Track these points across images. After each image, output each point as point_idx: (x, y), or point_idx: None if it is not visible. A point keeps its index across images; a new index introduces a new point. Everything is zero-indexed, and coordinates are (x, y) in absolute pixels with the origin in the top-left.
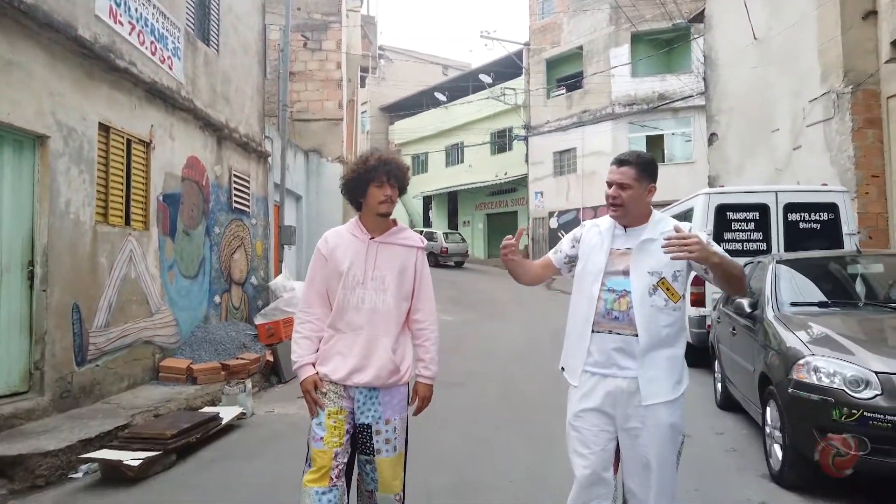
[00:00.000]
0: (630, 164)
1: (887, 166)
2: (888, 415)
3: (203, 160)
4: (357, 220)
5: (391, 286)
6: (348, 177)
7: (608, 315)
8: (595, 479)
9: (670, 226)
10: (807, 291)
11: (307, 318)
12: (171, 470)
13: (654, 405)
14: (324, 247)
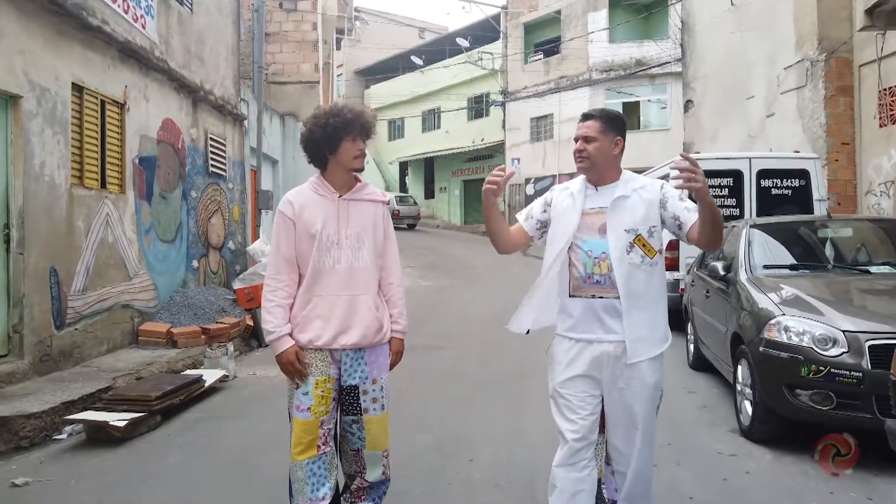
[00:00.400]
0: (595, 118)
1: (857, 134)
2: (853, 371)
3: (178, 123)
4: (319, 178)
5: (366, 243)
6: (315, 131)
7: (589, 279)
8: (584, 444)
9: (641, 183)
10: (779, 255)
11: (277, 284)
12: (157, 431)
13: (638, 363)
14: (288, 210)
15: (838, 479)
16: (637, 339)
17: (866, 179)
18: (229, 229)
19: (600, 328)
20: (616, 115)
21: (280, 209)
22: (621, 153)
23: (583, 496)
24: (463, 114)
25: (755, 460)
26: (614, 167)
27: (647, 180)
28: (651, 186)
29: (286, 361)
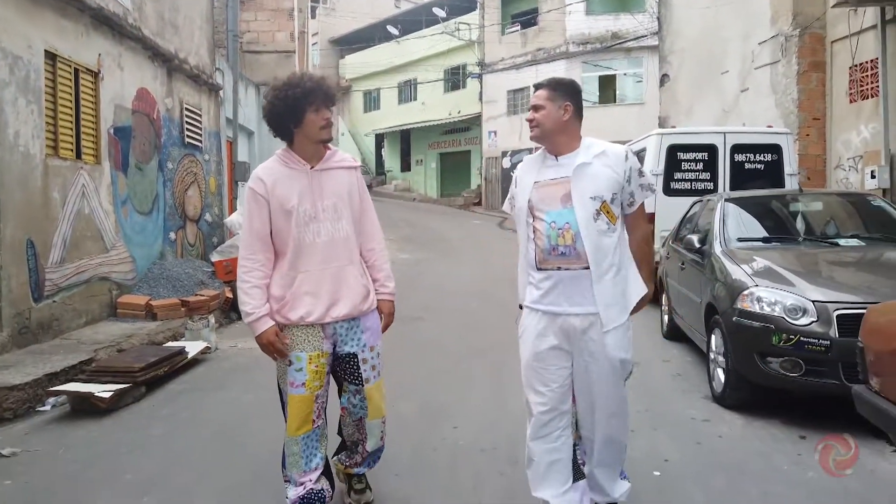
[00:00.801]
0: (543, 87)
1: (828, 109)
2: (822, 339)
3: (153, 92)
4: (287, 151)
5: (344, 212)
6: (277, 104)
7: (554, 251)
8: (554, 415)
9: (602, 148)
10: (752, 228)
11: (253, 265)
12: (141, 402)
13: (605, 336)
14: (260, 187)
15: (805, 441)
16: (609, 305)
17: (836, 154)
18: (206, 201)
19: (566, 301)
20: (565, 81)
21: (251, 187)
22: (575, 119)
23: (559, 465)
24: (439, 85)
25: (727, 425)
26: (568, 134)
27: (606, 145)
28: (612, 153)
29: (266, 342)
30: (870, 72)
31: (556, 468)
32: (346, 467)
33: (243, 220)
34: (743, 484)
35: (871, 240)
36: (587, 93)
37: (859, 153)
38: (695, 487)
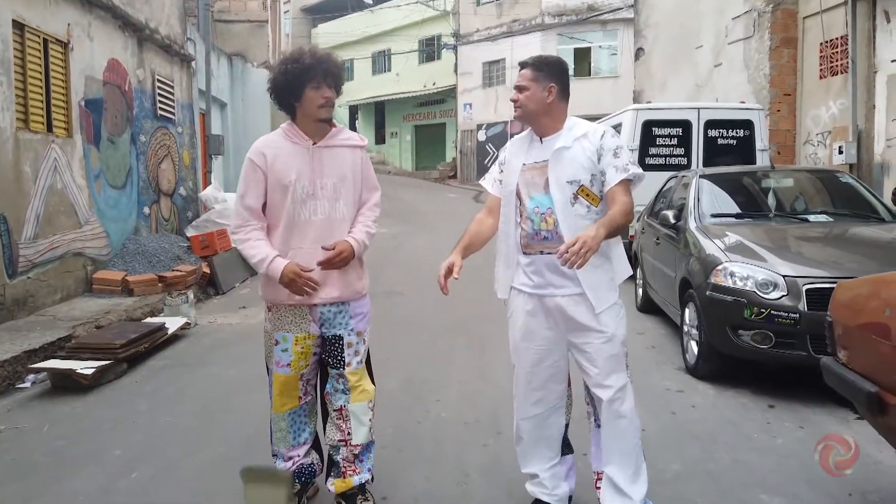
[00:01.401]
0: (528, 66)
1: (799, 85)
2: (791, 312)
3: (124, 63)
4: (290, 125)
5: (343, 192)
6: (277, 78)
7: (537, 236)
8: (543, 394)
9: (583, 130)
10: (726, 204)
11: (251, 227)
12: (123, 378)
13: (601, 315)
14: (259, 159)
15: (773, 410)
16: (596, 287)
17: (805, 130)
18: (180, 175)
19: (551, 284)
20: (551, 60)
21: (251, 158)
22: (561, 99)
23: (548, 442)
24: (414, 56)
25: (700, 395)
26: (553, 115)
27: (590, 126)
28: (593, 134)
29: (290, 278)
30: (840, 48)
31: (544, 444)
32: (345, 479)
33: (238, 188)
34: (715, 452)
35: (838, 215)
36: None
37: (828, 129)
38: (670, 456)
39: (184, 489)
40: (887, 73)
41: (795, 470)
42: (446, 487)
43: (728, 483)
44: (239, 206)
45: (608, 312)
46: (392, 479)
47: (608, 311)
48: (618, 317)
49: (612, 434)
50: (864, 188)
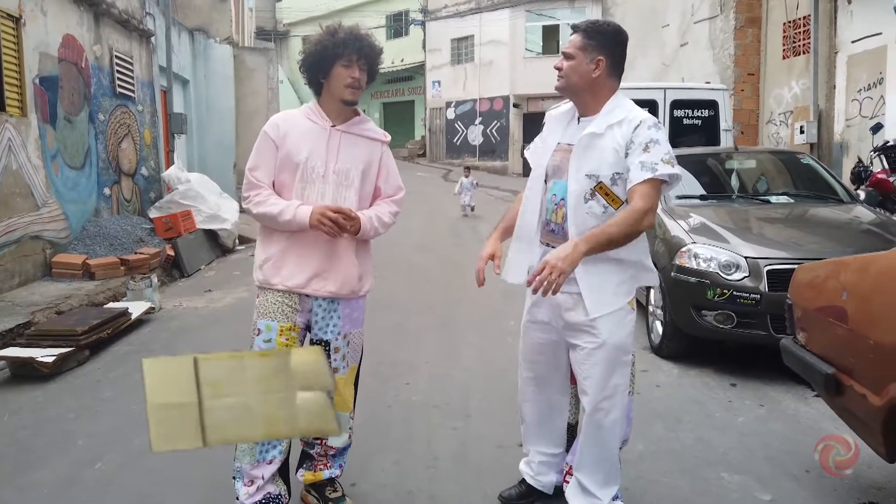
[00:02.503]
0: (578, 31)
1: (762, 65)
2: (752, 293)
3: (80, 39)
4: (315, 104)
5: (355, 182)
6: (310, 50)
7: (546, 227)
8: (541, 385)
9: (621, 116)
10: (690, 185)
11: (265, 190)
12: (86, 365)
13: (597, 320)
14: (273, 131)
15: (735, 388)
16: (595, 290)
17: (768, 109)
18: (141, 154)
19: None
20: (607, 28)
21: (265, 130)
22: (610, 76)
23: (550, 428)
24: (382, 32)
25: (664, 374)
26: (597, 93)
27: (629, 112)
28: (629, 122)
29: (318, 218)
30: (802, 28)
31: (545, 433)
32: (315, 472)
33: (249, 160)
34: (679, 431)
35: (799, 197)
36: (530, 42)
37: (790, 108)
38: (634, 436)
39: (151, 478)
40: (848, 54)
41: (756, 447)
42: (416, 473)
43: (691, 461)
44: (252, 177)
45: (606, 317)
46: (362, 466)
47: (607, 316)
48: (618, 323)
49: (590, 442)
50: (824, 169)
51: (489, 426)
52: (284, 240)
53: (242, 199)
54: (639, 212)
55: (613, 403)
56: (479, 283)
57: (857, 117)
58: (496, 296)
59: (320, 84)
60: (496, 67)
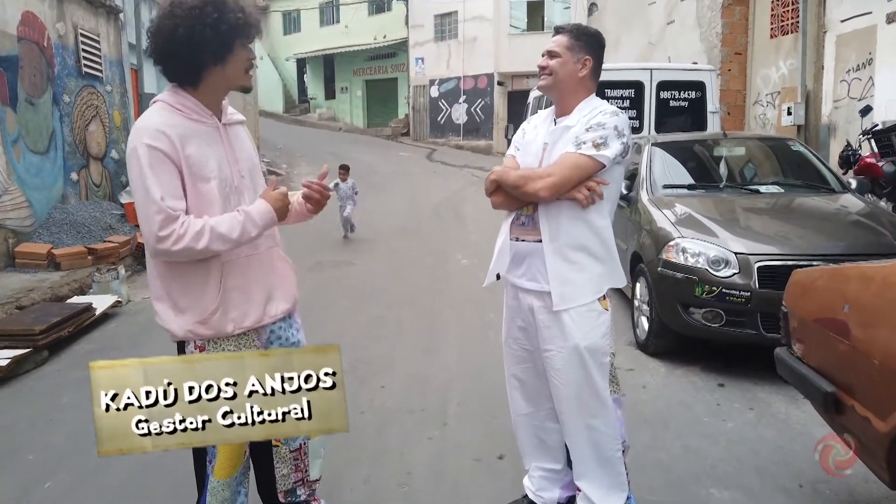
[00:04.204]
0: (564, 32)
1: (750, 44)
2: (742, 290)
3: (41, 16)
4: (184, 96)
5: (258, 179)
6: (197, 27)
7: (517, 220)
8: (531, 395)
9: (592, 107)
10: (678, 174)
11: (184, 218)
12: (44, 367)
13: (563, 318)
14: (163, 143)
15: (723, 389)
16: (564, 282)
17: (755, 90)
18: (111, 137)
19: (524, 275)
20: (591, 31)
21: (148, 143)
22: (591, 77)
23: (546, 446)
24: (363, 7)
25: (650, 374)
26: (578, 93)
27: (596, 104)
28: (592, 111)
29: (279, 206)
30: (791, 7)
31: (542, 449)
32: None
33: (142, 191)
34: (666, 438)
35: (790, 186)
36: (515, 19)
37: (777, 89)
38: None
39: (107, 497)
40: (836, 33)
41: (745, 457)
42: (388, 491)
43: (678, 473)
44: (160, 207)
45: (575, 316)
46: (332, 483)
47: (575, 315)
48: (591, 324)
49: (581, 449)
50: (814, 156)
51: (467, 435)
52: (216, 277)
53: (158, 240)
54: (539, 176)
55: (596, 407)
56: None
57: (846, 98)
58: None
59: (203, 70)
60: (480, 44)
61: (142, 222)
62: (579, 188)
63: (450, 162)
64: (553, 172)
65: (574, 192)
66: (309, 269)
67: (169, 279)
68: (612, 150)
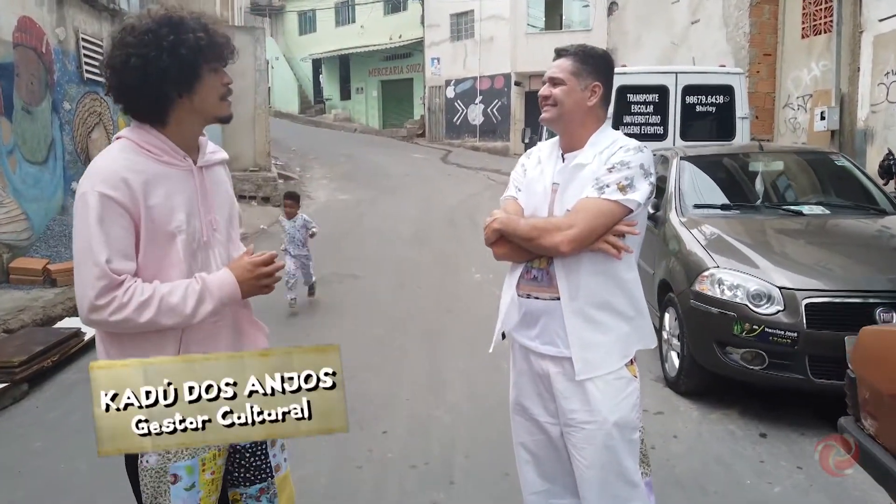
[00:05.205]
0: (568, 55)
1: (779, 45)
2: (788, 331)
3: (39, 21)
4: (157, 135)
5: (234, 231)
6: (156, 58)
7: (528, 274)
8: (546, 471)
9: (608, 142)
10: (710, 192)
11: (129, 284)
12: (23, 402)
13: (588, 388)
14: (122, 193)
15: (766, 441)
16: (587, 346)
17: (785, 92)
18: None
19: (538, 337)
20: (598, 52)
21: (102, 191)
22: (601, 106)
23: None
24: (379, 7)
25: (682, 419)
26: (587, 124)
27: (617, 138)
28: (613, 146)
29: (246, 278)
30: (824, 5)
31: None
32: None
33: (84, 244)
34: None
35: (835, 207)
36: (532, 18)
37: (809, 92)
38: None
39: None
40: (874, 34)
41: None
42: None
43: None
44: (102, 271)
45: (601, 385)
46: None
47: (601, 384)
48: (619, 396)
49: None
50: (861, 172)
51: (475, 497)
52: (173, 347)
53: (92, 308)
54: (557, 227)
55: (626, 493)
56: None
57: (884, 102)
58: (489, 302)
59: (169, 104)
60: (497, 44)
61: (77, 283)
62: (605, 238)
63: (465, 164)
64: (574, 223)
65: (600, 244)
66: None
67: (114, 344)
68: (641, 192)
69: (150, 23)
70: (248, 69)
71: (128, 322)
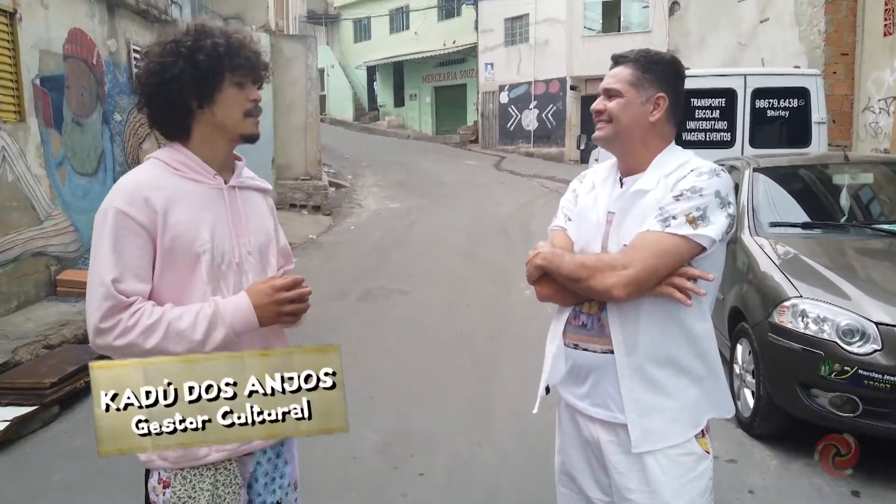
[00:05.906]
0: (627, 62)
1: (858, 44)
2: (887, 374)
3: (91, 33)
4: (187, 154)
5: (271, 259)
6: (173, 66)
7: (576, 320)
8: None
9: (675, 164)
10: (787, 208)
11: (136, 307)
12: (52, 426)
13: (647, 461)
14: (141, 211)
15: (859, 500)
16: (647, 412)
17: (865, 95)
18: None
19: (587, 397)
20: (664, 59)
21: (120, 208)
22: (668, 122)
23: None
24: (433, 13)
25: (758, 470)
26: (650, 144)
27: (688, 159)
28: (681, 169)
29: (265, 302)
30: None
31: None
32: None
33: (98, 264)
34: None
35: None
36: (589, 20)
37: (892, 94)
38: None
39: None
40: None
41: None
42: None
43: None
44: (109, 292)
45: (664, 462)
46: None
47: (664, 460)
48: (685, 474)
49: None
50: None
51: None
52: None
53: (97, 332)
54: (611, 266)
55: None
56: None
57: None
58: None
59: (191, 115)
60: (552, 47)
61: (87, 304)
62: (671, 280)
63: (519, 171)
64: (631, 262)
65: (663, 287)
66: (358, 298)
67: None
68: (716, 226)
69: (178, 32)
70: (300, 78)
71: (133, 347)
